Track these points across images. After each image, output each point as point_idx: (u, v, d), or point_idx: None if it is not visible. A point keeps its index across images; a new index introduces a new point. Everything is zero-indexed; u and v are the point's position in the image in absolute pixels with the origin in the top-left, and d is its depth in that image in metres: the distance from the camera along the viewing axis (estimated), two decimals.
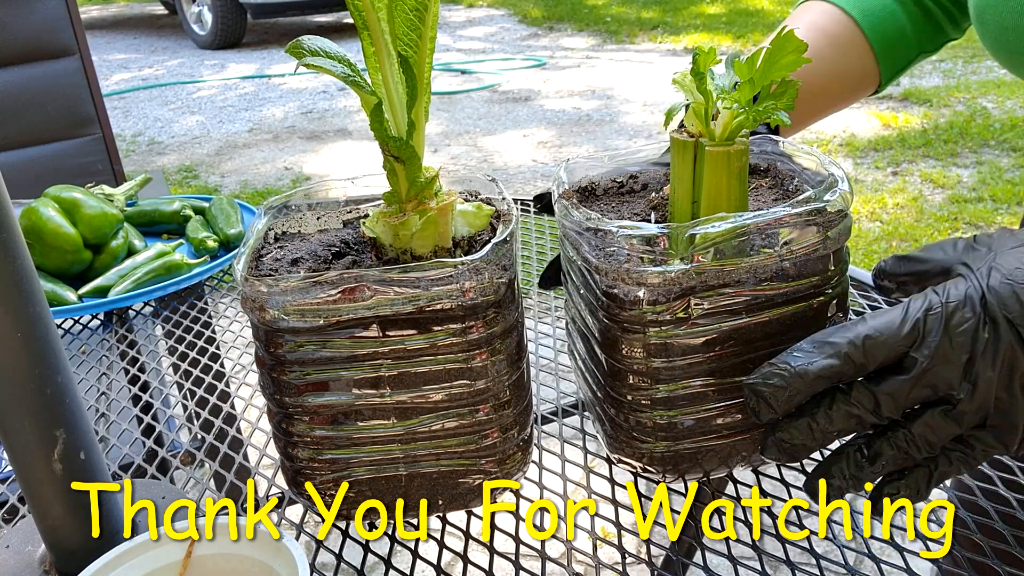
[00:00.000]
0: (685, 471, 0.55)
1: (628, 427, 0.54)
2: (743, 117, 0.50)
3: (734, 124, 0.51)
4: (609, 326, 0.52)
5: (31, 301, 0.48)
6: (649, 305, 0.50)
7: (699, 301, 0.49)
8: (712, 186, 0.51)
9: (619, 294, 0.50)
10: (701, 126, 0.52)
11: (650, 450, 0.54)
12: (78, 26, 1.71)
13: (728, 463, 0.55)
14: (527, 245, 1.01)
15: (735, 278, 0.49)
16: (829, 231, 0.49)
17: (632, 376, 0.52)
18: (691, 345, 0.50)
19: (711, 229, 0.47)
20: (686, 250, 0.48)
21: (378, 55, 0.48)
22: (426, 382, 0.49)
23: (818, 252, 0.50)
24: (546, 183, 3.73)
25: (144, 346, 0.89)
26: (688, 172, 0.52)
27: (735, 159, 0.50)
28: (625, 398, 0.53)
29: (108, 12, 8.88)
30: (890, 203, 3.21)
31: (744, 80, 0.50)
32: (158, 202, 1.12)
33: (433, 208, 0.50)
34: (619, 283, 0.50)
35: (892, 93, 4.55)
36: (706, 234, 0.47)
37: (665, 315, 0.50)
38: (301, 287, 0.47)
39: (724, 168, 0.50)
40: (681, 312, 0.49)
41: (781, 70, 0.49)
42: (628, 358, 0.52)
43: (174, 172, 4.12)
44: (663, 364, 0.51)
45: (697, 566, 0.52)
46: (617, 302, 0.51)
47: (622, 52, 6.01)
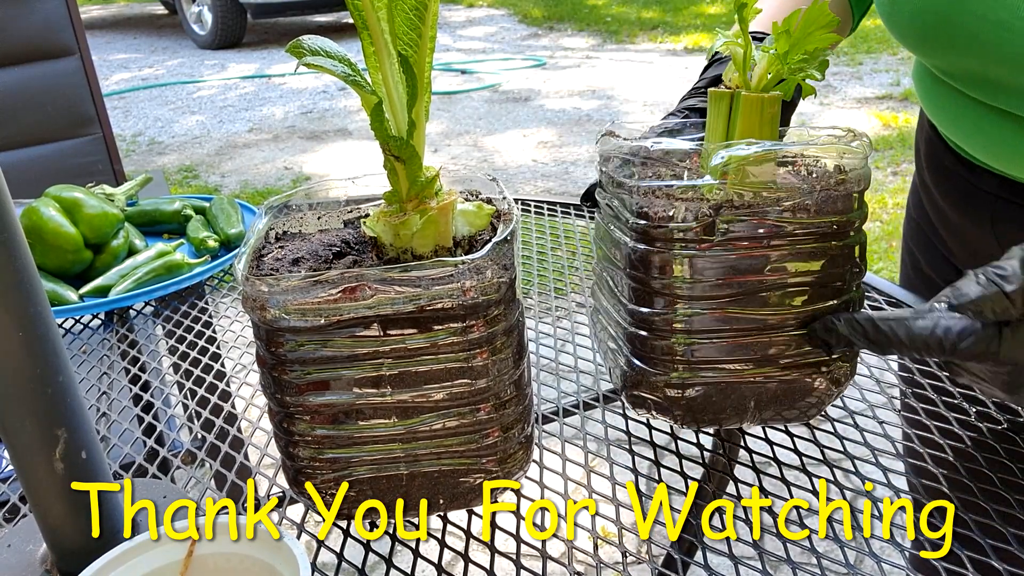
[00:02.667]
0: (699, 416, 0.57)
1: (647, 355, 0.56)
2: (779, 67, 0.54)
3: (768, 76, 0.54)
4: (637, 248, 0.54)
5: (32, 301, 0.48)
6: (677, 222, 0.52)
7: (724, 223, 0.52)
8: (745, 130, 0.55)
9: (649, 211, 0.53)
10: (740, 78, 0.56)
11: (667, 381, 0.56)
12: (78, 26, 1.71)
13: (741, 413, 0.57)
14: (527, 245, 1.01)
15: (760, 203, 0.52)
16: (849, 173, 0.53)
17: (656, 297, 0.55)
18: (714, 267, 0.53)
19: (741, 151, 0.51)
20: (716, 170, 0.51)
21: (378, 55, 0.48)
22: (427, 381, 0.49)
23: (839, 192, 0.52)
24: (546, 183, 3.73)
25: (145, 346, 0.89)
26: (723, 123, 0.56)
27: (768, 105, 0.54)
28: (649, 324, 0.55)
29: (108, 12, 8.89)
30: (890, 203, 3.21)
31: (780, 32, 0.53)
32: (159, 202, 1.12)
33: (434, 208, 0.50)
34: (650, 199, 0.53)
35: (892, 93, 4.55)
36: (735, 155, 0.50)
37: (691, 234, 0.52)
38: (302, 286, 0.47)
39: (757, 114, 0.54)
40: (706, 233, 0.52)
41: (815, 41, 0.53)
42: (654, 278, 0.54)
43: (174, 172, 4.12)
44: (687, 285, 0.53)
45: (698, 565, 0.52)
46: (647, 219, 0.53)
47: (622, 52, 6.01)
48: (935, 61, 0.69)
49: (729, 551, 0.51)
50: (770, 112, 0.54)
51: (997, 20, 0.59)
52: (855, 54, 5.31)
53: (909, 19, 0.66)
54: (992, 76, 0.63)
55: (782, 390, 0.57)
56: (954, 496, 0.55)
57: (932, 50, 0.67)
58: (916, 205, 0.88)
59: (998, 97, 0.64)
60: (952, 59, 0.66)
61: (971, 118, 0.69)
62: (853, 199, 0.53)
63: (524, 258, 0.97)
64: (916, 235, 0.88)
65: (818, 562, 0.50)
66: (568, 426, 0.66)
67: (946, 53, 0.65)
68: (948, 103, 0.72)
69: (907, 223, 0.91)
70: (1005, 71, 0.61)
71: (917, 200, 0.87)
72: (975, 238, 0.77)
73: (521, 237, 1.04)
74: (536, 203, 1.11)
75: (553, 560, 0.53)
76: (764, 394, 0.56)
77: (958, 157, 0.76)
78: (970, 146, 0.72)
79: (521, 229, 1.05)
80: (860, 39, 5.59)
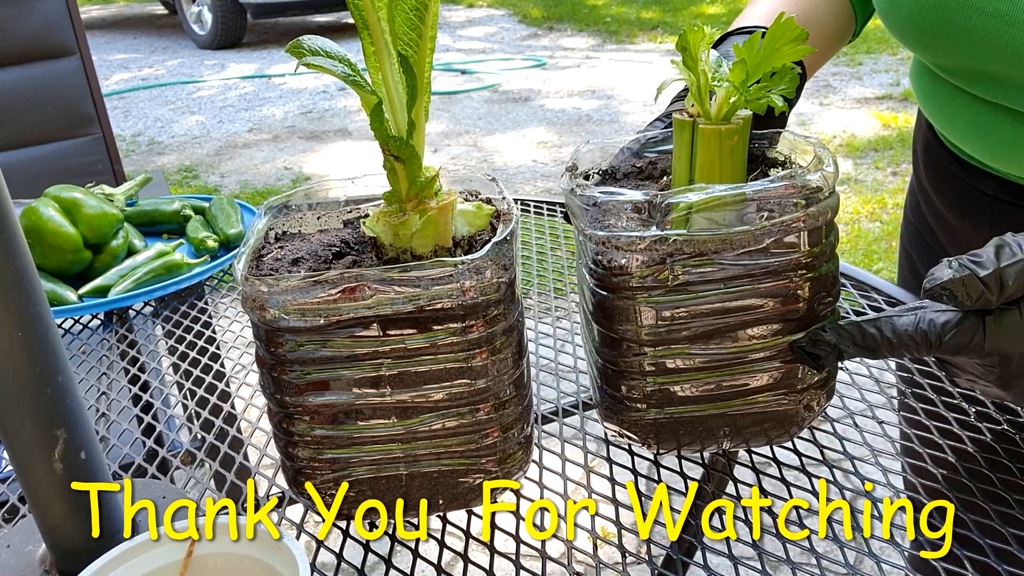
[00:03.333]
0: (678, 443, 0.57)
1: (620, 396, 0.56)
2: (737, 97, 0.52)
3: (728, 105, 0.53)
4: (597, 292, 0.54)
5: (31, 301, 0.48)
6: (632, 272, 0.52)
7: (680, 269, 0.51)
8: (705, 163, 0.53)
9: (603, 260, 0.53)
10: (699, 106, 0.54)
11: (641, 418, 0.56)
12: (78, 26, 1.71)
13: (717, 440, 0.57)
14: (527, 245, 1.01)
15: (712, 248, 0.50)
16: (808, 208, 0.50)
17: (620, 343, 0.54)
18: (673, 312, 0.52)
19: (686, 198, 0.49)
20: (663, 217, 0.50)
21: (378, 55, 0.48)
22: (426, 381, 0.49)
23: (797, 228, 0.51)
24: (546, 183, 3.73)
25: (144, 346, 0.89)
26: (686, 151, 0.54)
27: (727, 137, 0.52)
28: (615, 365, 0.55)
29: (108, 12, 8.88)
30: (890, 203, 3.21)
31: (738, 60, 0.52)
32: (158, 202, 1.12)
33: (433, 208, 0.50)
34: (604, 249, 0.52)
35: (892, 93, 4.55)
36: (680, 203, 0.49)
37: (647, 281, 0.52)
38: (301, 286, 0.47)
39: (716, 146, 0.53)
40: (662, 279, 0.51)
41: (782, 57, 0.51)
42: (615, 324, 0.54)
43: (174, 172, 4.12)
44: (649, 331, 0.53)
45: (697, 565, 0.52)
46: (604, 268, 0.53)
47: (622, 52, 6.01)
48: (934, 58, 0.69)
49: (729, 551, 0.51)
50: (729, 144, 0.53)
51: (997, 13, 0.58)
52: (855, 54, 5.31)
53: (908, 16, 0.66)
54: (991, 71, 0.63)
55: (755, 418, 0.56)
56: (954, 496, 0.55)
57: (931, 46, 0.67)
58: (914, 208, 0.87)
59: (997, 93, 0.64)
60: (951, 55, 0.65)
61: (969, 115, 0.69)
62: (819, 232, 0.52)
63: (524, 258, 0.97)
64: (913, 238, 0.88)
65: (818, 562, 0.50)
66: (568, 426, 0.66)
67: (945, 49, 0.65)
68: (946, 101, 0.72)
69: (904, 226, 0.91)
70: (1005, 66, 0.61)
71: (915, 203, 0.87)
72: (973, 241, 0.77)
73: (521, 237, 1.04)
74: (536, 203, 1.11)
75: (553, 560, 0.53)
76: (737, 423, 0.56)
77: (956, 158, 0.76)
78: (968, 145, 0.72)
79: (521, 229, 1.05)
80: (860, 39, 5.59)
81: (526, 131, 4.45)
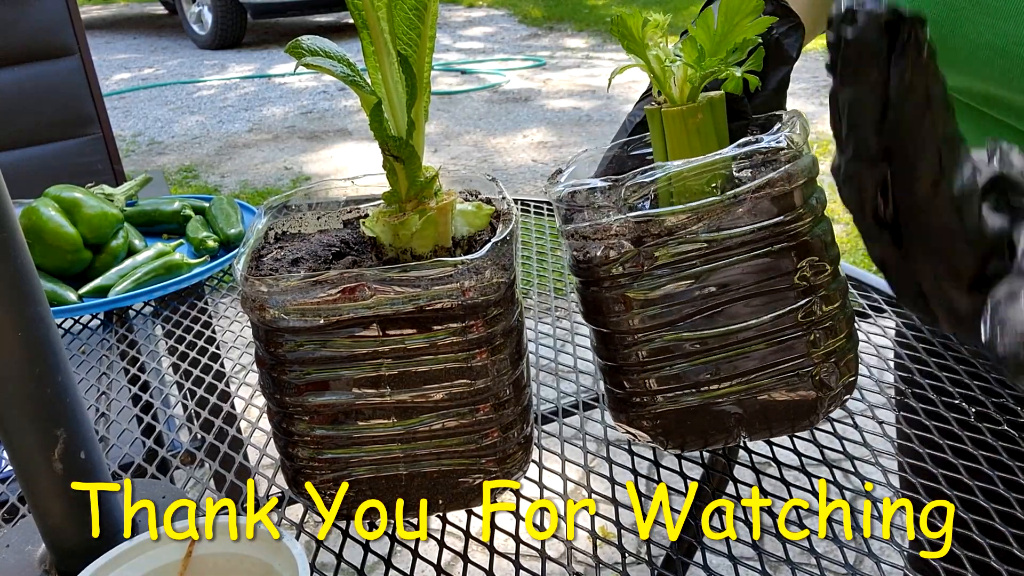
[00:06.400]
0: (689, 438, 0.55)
1: (623, 393, 0.55)
2: (692, 74, 0.52)
3: (687, 84, 0.53)
4: (581, 290, 0.54)
5: (31, 301, 0.48)
6: (606, 262, 0.51)
7: (649, 251, 0.50)
8: (675, 146, 0.53)
9: (580, 255, 0.52)
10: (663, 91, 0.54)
11: (647, 412, 0.55)
12: (78, 26, 1.71)
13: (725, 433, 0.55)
14: (527, 245, 1.01)
15: (682, 224, 0.49)
16: (775, 171, 0.49)
17: (611, 338, 0.54)
18: (654, 297, 0.51)
19: (644, 178, 0.49)
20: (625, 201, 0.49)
21: (378, 55, 0.48)
22: (426, 381, 0.49)
23: (768, 195, 0.49)
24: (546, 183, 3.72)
25: (144, 346, 0.89)
26: (660, 139, 0.55)
27: (690, 116, 0.52)
28: (613, 361, 0.54)
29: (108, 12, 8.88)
30: None
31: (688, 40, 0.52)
32: (158, 202, 1.12)
33: (433, 208, 0.50)
34: (578, 242, 0.52)
35: None
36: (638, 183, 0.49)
37: (625, 268, 0.51)
38: (301, 287, 0.47)
39: (681, 126, 0.53)
40: (635, 265, 0.51)
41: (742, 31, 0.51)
42: (603, 319, 0.53)
43: (174, 172, 4.12)
44: (636, 320, 0.52)
45: (697, 566, 0.52)
46: (581, 263, 0.52)
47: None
48: None
49: (729, 552, 0.51)
50: (694, 122, 0.52)
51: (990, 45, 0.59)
52: None
53: None
54: (997, 97, 0.63)
55: (763, 405, 0.53)
56: (954, 496, 0.55)
57: None
58: None
59: (1009, 115, 0.64)
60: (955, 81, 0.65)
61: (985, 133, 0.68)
62: (793, 195, 0.49)
63: (524, 258, 0.97)
64: None
65: (818, 563, 0.50)
66: (567, 426, 0.66)
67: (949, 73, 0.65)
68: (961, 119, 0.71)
69: None
70: (1005, 92, 0.61)
71: None
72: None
73: (521, 237, 1.05)
74: (536, 203, 1.11)
75: (552, 560, 0.53)
76: (745, 411, 0.54)
77: None
78: None
79: (521, 229, 1.05)
80: None
81: (526, 131, 4.45)
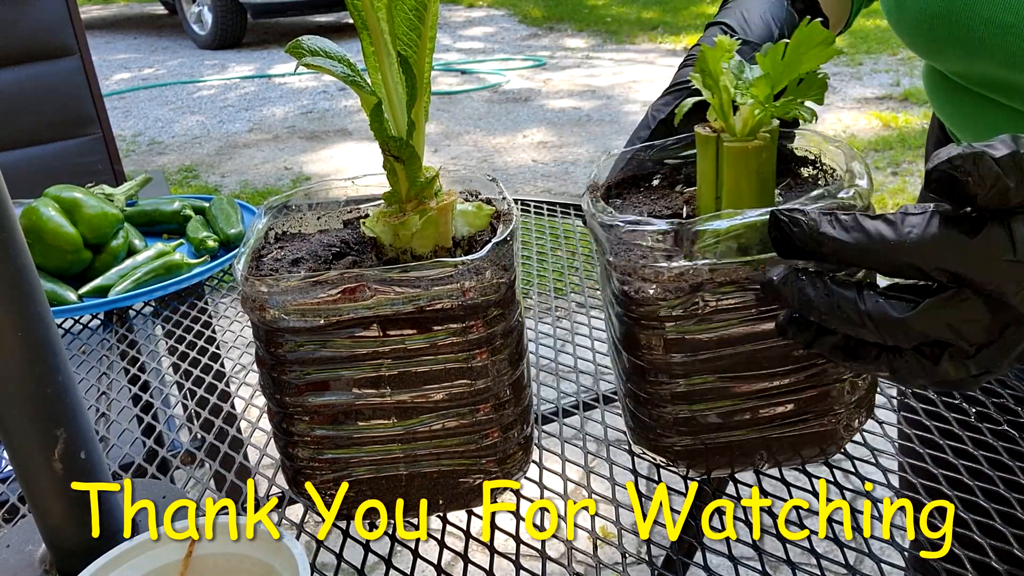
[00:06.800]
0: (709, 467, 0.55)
1: (650, 423, 0.54)
2: (762, 113, 0.50)
3: (754, 120, 0.50)
4: (624, 320, 0.52)
5: (31, 301, 0.48)
6: (660, 301, 0.49)
7: (709, 298, 0.49)
8: (732, 182, 0.51)
9: (629, 291, 0.50)
10: (722, 122, 0.51)
11: (673, 444, 0.54)
12: (78, 26, 1.71)
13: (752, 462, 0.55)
14: (527, 245, 1.01)
15: (743, 275, 0.48)
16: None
17: (649, 372, 0.52)
18: (704, 341, 0.50)
19: (714, 226, 0.47)
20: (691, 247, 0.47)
21: (378, 55, 0.48)
22: (426, 382, 0.49)
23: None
24: (546, 183, 3.73)
25: (144, 346, 0.89)
26: (711, 167, 0.52)
27: (753, 155, 0.50)
28: (644, 392, 0.53)
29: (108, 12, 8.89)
30: (890, 203, 3.21)
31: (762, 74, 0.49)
32: (158, 202, 1.12)
33: (433, 208, 0.50)
34: (630, 279, 0.50)
35: (892, 93, 4.55)
36: (707, 230, 0.47)
37: (676, 311, 0.49)
38: (301, 287, 0.47)
39: (743, 164, 0.50)
40: (692, 309, 0.49)
41: (808, 63, 0.49)
42: (644, 353, 0.52)
43: (174, 172, 4.12)
44: (679, 360, 0.51)
45: (697, 566, 0.52)
46: (629, 298, 0.51)
47: (622, 52, 6.01)
48: (946, 65, 0.68)
49: (729, 552, 0.51)
50: (756, 161, 0.50)
51: (1003, 24, 0.58)
52: (855, 54, 5.31)
53: (915, 24, 0.65)
54: (1002, 78, 0.62)
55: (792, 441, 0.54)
56: (954, 496, 0.55)
57: (942, 54, 0.66)
58: None
59: (1014, 98, 0.63)
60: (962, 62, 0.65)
61: (987, 119, 0.68)
62: None
63: (524, 258, 0.97)
64: None
65: (818, 563, 0.50)
66: (568, 426, 0.66)
67: (957, 57, 0.65)
68: (963, 106, 0.71)
69: None
70: (1015, 74, 0.60)
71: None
72: None
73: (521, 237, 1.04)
74: (536, 203, 1.11)
75: (552, 561, 0.53)
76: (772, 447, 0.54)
77: None
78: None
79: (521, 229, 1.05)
80: (860, 39, 5.59)
81: (526, 131, 4.45)
